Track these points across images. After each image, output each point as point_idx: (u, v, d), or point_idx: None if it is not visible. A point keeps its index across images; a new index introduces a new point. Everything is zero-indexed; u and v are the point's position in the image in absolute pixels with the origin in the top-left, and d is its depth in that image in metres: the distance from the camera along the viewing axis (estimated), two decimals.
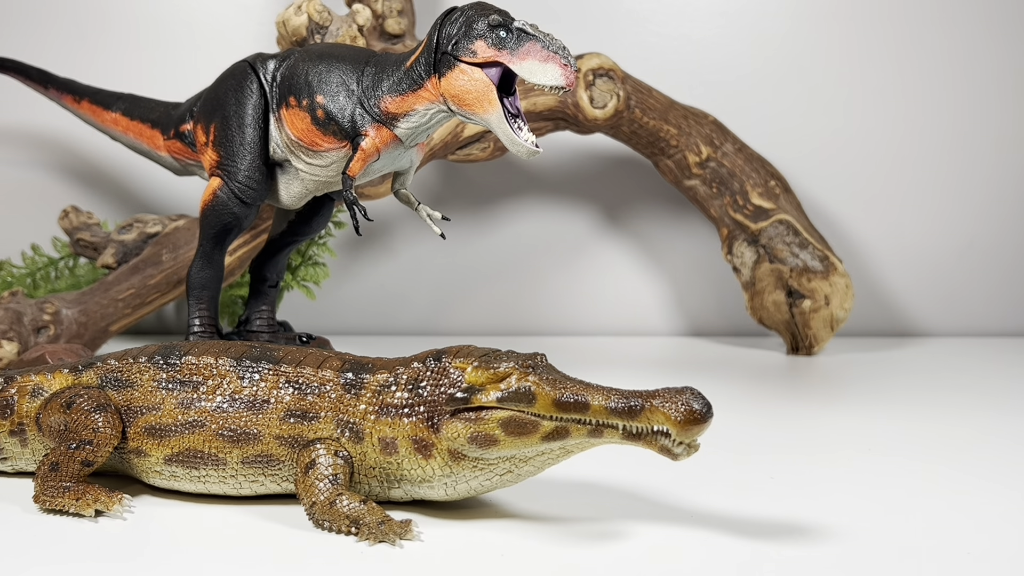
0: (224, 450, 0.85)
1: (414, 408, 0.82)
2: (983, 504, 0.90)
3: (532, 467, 0.81)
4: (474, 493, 0.83)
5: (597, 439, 0.77)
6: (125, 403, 0.88)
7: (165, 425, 0.86)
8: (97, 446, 0.85)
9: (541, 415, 0.78)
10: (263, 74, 1.14)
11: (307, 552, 0.76)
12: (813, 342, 1.69)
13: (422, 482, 0.83)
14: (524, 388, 0.78)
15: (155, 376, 0.88)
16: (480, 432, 0.79)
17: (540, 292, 1.91)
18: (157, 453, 0.87)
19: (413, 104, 1.06)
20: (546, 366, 0.81)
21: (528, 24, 1.01)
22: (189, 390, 0.87)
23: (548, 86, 1.01)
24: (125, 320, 1.45)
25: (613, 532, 0.80)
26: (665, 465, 0.95)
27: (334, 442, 0.83)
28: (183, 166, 1.27)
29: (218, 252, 1.17)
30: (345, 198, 1.07)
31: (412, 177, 1.17)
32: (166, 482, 0.88)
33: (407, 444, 0.82)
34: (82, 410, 0.86)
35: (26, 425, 0.91)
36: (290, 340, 1.25)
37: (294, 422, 0.85)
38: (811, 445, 1.11)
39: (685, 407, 0.74)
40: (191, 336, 1.17)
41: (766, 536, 0.80)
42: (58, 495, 0.84)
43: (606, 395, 0.76)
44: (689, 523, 0.83)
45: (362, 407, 0.84)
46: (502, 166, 1.86)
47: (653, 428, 0.75)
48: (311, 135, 1.10)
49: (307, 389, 0.85)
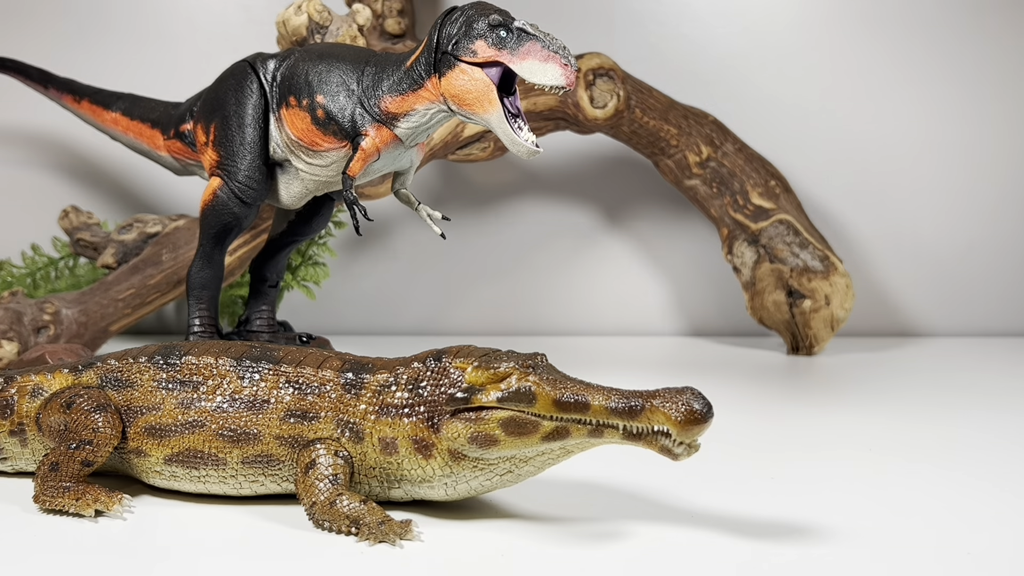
0: (224, 450, 0.85)
1: (414, 408, 0.82)
2: (983, 504, 0.90)
3: (532, 467, 0.81)
4: (474, 493, 0.83)
5: (597, 439, 0.77)
6: (125, 403, 0.88)
7: (165, 425, 0.86)
8: (97, 446, 0.85)
9: (541, 415, 0.78)
10: (263, 74, 1.14)
11: (307, 552, 0.76)
12: (813, 342, 1.69)
13: (422, 482, 0.83)
14: (524, 388, 0.78)
15: (155, 376, 0.88)
16: (480, 432, 0.79)
17: (540, 292, 1.91)
18: (157, 453, 0.87)
19: (413, 104, 1.06)
20: (546, 366, 0.81)
21: (528, 24, 1.01)
22: (189, 390, 0.87)
23: (548, 86, 1.01)
24: (125, 320, 1.45)
25: (613, 532, 0.80)
26: (665, 465, 0.95)
27: (334, 442, 0.83)
28: (183, 166, 1.27)
29: (218, 252, 1.17)
30: (345, 198, 1.07)
31: (412, 177, 1.17)
32: (166, 482, 0.88)
33: (407, 444, 0.82)
34: (82, 410, 0.86)
35: (26, 425, 0.91)
36: (290, 340, 1.25)
37: (294, 422, 0.84)
38: (811, 445, 1.11)
39: (685, 407, 0.74)
40: (191, 336, 1.17)
41: (766, 536, 0.80)
42: (58, 495, 0.84)
43: (606, 395, 0.76)
44: (689, 523, 0.83)
45: (362, 407, 0.84)
46: (502, 166, 1.86)
47: (653, 428, 0.75)
48: (311, 135, 1.09)
49: (307, 389, 0.85)
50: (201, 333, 1.17)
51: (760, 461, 1.04)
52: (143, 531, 0.81)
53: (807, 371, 1.57)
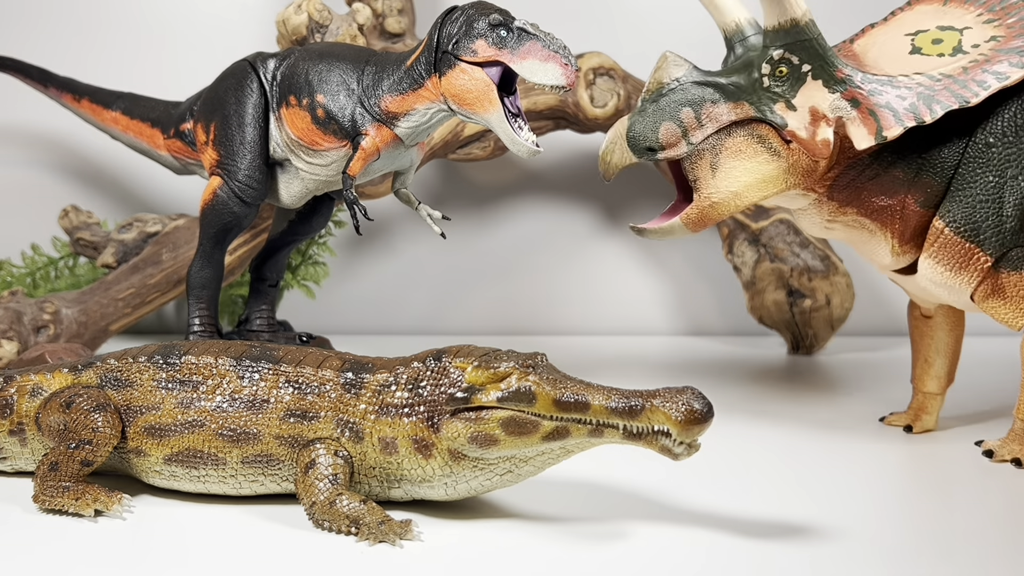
0: (224, 450, 0.85)
1: (414, 408, 0.82)
2: (983, 504, 0.90)
3: (532, 467, 0.81)
4: (474, 493, 0.83)
5: (597, 439, 0.77)
6: (125, 403, 0.88)
7: (165, 425, 0.86)
8: (97, 446, 0.85)
9: (541, 415, 0.78)
10: (263, 73, 1.14)
11: (307, 552, 0.76)
12: (814, 342, 1.69)
13: (422, 482, 0.83)
14: (524, 388, 0.78)
15: (155, 376, 0.88)
16: (480, 432, 0.79)
17: (540, 292, 1.91)
18: (157, 453, 0.87)
19: (413, 103, 1.06)
20: (546, 366, 0.81)
21: (529, 23, 1.01)
22: (189, 390, 0.87)
23: (549, 85, 1.01)
24: (125, 320, 1.45)
25: (613, 532, 0.80)
26: (664, 465, 0.95)
27: (334, 442, 0.83)
28: (183, 165, 1.27)
29: (218, 251, 1.17)
30: (345, 197, 1.07)
31: (412, 176, 1.17)
32: (165, 482, 0.88)
33: (407, 444, 0.82)
34: (81, 410, 0.86)
35: (25, 425, 0.91)
36: (290, 339, 1.25)
37: (294, 422, 0.84)
38: (811, 445, 1.11)
39: (686, 407, 0.74)
40: (191, 335, 1.17)
41: (766, 536, 0.80)
42: (57, 495, 0.84)
43: (606, 395, 0.76)
44: (688, 522, 0.82)
45: (362, 407, 0.84)
46: (502, 165, 1.86)
47: (654, 428, 0.75)
48: (311, 134, 1.09)
49: (307, 389, 0.85)
50: (201, 333, 1.17)
51: (760, 461, 1.03)
52: (142, 531, 0.81)
53: (807, 371, 1.57)
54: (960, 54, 1.02)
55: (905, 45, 1.06)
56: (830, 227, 1.05)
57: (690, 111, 0.97)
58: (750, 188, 0.98)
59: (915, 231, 1.03)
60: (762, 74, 0.99)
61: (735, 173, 0.97)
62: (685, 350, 1.77)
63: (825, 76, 0.99)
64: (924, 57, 1.03)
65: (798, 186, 0.99)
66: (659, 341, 1.86)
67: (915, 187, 1.01)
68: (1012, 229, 0.99)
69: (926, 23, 1.08)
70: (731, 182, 0.97)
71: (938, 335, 1.14)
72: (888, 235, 1.03)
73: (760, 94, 0.98)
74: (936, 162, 1.01)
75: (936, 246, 1.01)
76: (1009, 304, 1.00)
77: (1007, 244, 0.99)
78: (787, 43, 0.98)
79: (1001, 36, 1.02)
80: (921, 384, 1.16)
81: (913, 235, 1.03)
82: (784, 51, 0.98)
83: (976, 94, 0.97)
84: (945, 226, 1.00)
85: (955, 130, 1.01)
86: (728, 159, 0.97)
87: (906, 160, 1.02)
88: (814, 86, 0.98)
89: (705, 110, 0.97)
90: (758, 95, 0.98)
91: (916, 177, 1.01)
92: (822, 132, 0.97)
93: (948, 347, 1.15)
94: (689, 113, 0.97)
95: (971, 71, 0.99)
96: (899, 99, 0.98)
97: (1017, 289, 0.99)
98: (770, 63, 0.99)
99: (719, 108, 0.98)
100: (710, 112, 0.97)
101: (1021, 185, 0.99)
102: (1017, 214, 0.99)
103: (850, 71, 1.00)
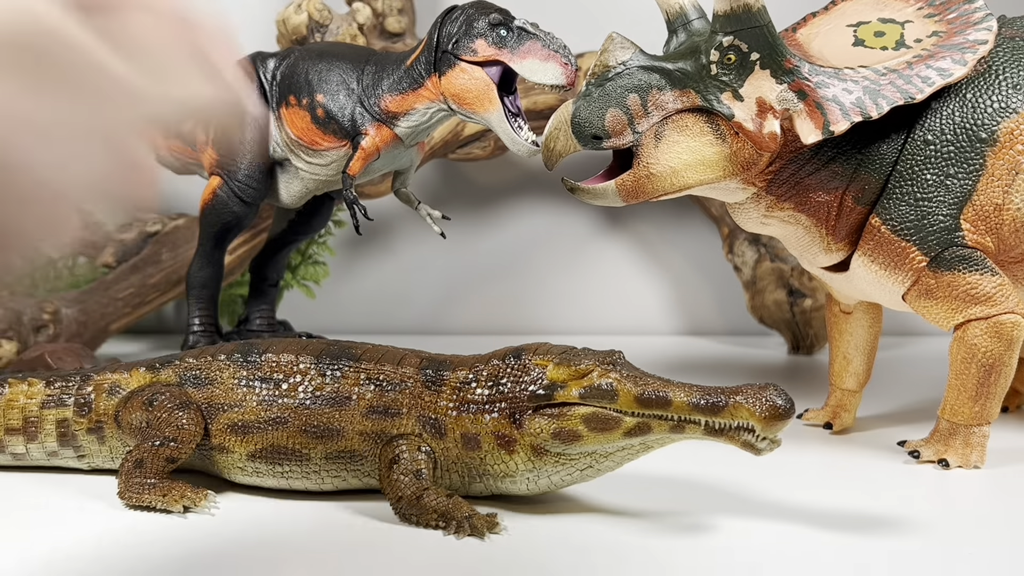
0: (308, 446, 0.86)
1: (496, 404, 0.83)
2: (983, 504, 0.90)
3: (612, 462, 0.82)
4: (554, 487, 0.84)
5: (678, 435, 0.78)
6: (206, 400, 0.89)
7: (248, 422, 0.87)
8: (181, 443, 0.86)
9: (623, 411, 0.78)
10: (263, 73, 1.14)
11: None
12: (814, 341, 1.69)
13: (504, 477, 0.84)
14: (606, 385, 0.79)
15: (236, 374, 0.89)
16: (564, 428, 0.80)
17: (540, 292, 1.91)
18: (241, 449, 0.87)
19: (413, 103, 1.06)
20: (624, 363, 0.82)
21: (529, 23, 1.01)
22: (271, 387, 0.88)
23: (549, 84, 1.01)
24: (125, 319, 1.45)
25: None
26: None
27: (417, 438, 0.84)
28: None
29: (218, 251, 1.17)
30: (345, 197, 1.07)
31: (412, 176, 1.17)
32: (248, 478, 0.89)
33: (490, 440, 0.83)
34: (165, 407, 0.87)
35: (104, 423, 0.91)
36: None
37: (377, 418, 0.85)
38: (811, 445, 1.11)
39: (769, 403, 0.75)
40: (191, 335, 1.17)
41: (766, 536, 0.80)
42: (144, 491, 0.84)
43: (688, 391, 0.77)
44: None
45: (443, 403, 0.85)
46: (502, 165, 1.86)
47: (735, 424, 0.76)
48: (311, 134, 1.09)
49: (388, 386, 0.86)
50: (201, 332, 1.17)
51: (760, 460, 1.03)
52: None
53: (808, 370, 1.57)
54: (903, 48, 1.00)
55: (848, 37, 1.04)
56: (766, 223, 1.03)
57: (636, 97, 0.95)
58: (689, 168, 0.95)
59: (850, 228, 1.00)
60: (710, 60, 0.96)
61: (677, 149, 0.95)
62: (685, 350, 1.77)
63: (773, 66, 0.96)
64: (867, 50, 1.01)
65: (736, 176, 0.96)
66: (659, 341, 1.86)
67: (853, 183, 0.99)
68: (948, 228, 0.97)
69: (868, 14, 1.06)
70: (671, 157, 0.95)
71: (857, 332, 1.13)
72: (823, 232, 1.01)
73: (707, 82, 0.95)
74: (875, 158, 0.99)
75: (871, 244, 0.99)
76: (941, 304, 0.98)
77: (943, 244, 0.97)
78: (737, 29, 0.95)
79: (943, 32, 1.01)
80: (840, 381, 1.15)
81: (848, 232, 1.01)
82: (734, 38, 0.95)
83: (921, 90, 0.95)
84: (882, 224, 0.98)
85: (894, 126, 0.99)
86: (673, 132, 0.95)
87: (845, 155, 0.99)
88: (762, 75, 0.96)
89: (651, 97, 0.95)
90: (705, 83, 0.95)
91: (855, 173, 0.99)
92: (769, 125, 0.95)
93: (867, 344, 1.13)
94: (636, 99, 0.95)
95: (915, 66, 0.97)
96: (845, 92, 0.96)
97: (950, 289, 0.97)
98: (719, 49, 0.96)
99: (665, 95, 0.95)
100: (656, 99, 0.95)
101: (958, 184, 0.97)
102: (954, 213, 0.97)
103: (798, 61, 0.97)
